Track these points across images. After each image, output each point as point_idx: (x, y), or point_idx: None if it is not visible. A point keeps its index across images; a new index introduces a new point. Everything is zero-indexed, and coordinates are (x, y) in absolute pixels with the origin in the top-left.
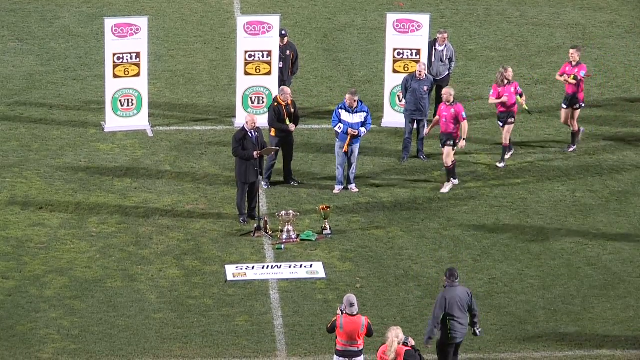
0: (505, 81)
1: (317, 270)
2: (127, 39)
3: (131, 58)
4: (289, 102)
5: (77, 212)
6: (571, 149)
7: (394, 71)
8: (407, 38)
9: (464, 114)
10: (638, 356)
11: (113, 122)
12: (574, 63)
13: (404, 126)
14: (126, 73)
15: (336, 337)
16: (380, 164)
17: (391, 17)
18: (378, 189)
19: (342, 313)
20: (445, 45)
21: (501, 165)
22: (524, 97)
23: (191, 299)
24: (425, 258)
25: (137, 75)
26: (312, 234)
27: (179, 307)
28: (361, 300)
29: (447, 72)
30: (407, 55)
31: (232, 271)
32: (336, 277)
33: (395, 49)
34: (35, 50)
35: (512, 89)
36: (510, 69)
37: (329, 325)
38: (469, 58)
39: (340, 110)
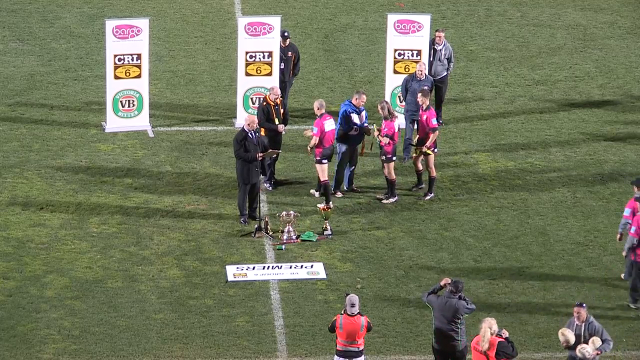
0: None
1: (318, 270)
2: (128, 41)
3: (132, 59)
4: (278, 102)
5: (77, 212)
6: (422, 189)
7: (395, 72)
8: (408, 39)
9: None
10: (638, 357)
11: (114, 123)
12: (424, 107)
13: (404, 127)
14: (127, 74)
15: (336, 337)
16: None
17: (392, 18)
18: (379, 190)
19: (343, 313)
20: (444, 45)
21: (389, 200)
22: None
23: (192, 300)
24: (426, 259)
25: (138, 76)
26: (312, 234)
27: (180, 307)
28: (362, 301)
29: (446, 73)
30: (408, 56)
31: (232, 272)
32: (337, 278)
33: (396, 50)
34: (36, 51)
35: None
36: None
37: (329, 325)
38: (470, 59)
39: (352, 114)
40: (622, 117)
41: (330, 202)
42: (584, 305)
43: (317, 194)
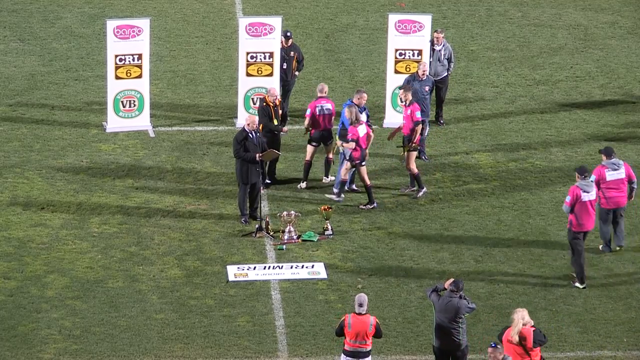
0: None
1: (319, 270)
2: (129, 41)
3: (133, 60)
4: (277, 103)
5: (78, 212)
6: (410, 190)
7: (396, 72)
8: (409, 39)
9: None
10: (639, 357)
11: (115, 123)
12: (407, 102)
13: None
14: (128, 74)
15: (344, 337)
16: (382, 165)
17: (393, 18)
18: (380, 190)
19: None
20: (443, 45)
21: (337, 198)
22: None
23: (192, 300)
24: (427, 259)
25: (139, 76)
26: (313, 234)
27: (181, 307)
28: None
29: (446, 73)
30: (409, 56)
31: (233, 272)
32: (337, 278)
33: (396, 50)
34: (37, 51)
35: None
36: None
37: (337, 328)
38: (471, 59)
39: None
40: (623, 117)
41: (304, 183)
42: (498, 345)
43: (303, 185)
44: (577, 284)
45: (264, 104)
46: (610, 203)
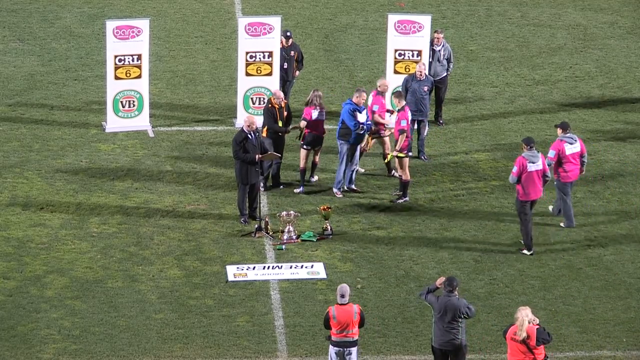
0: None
1: (318, 270)
2: (128, 41)
3: (132, 60)
4: (282, 105)
5: (78, 212)
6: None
7: (395, 72)
8: (408, 39)
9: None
10: (639, 357)
11: (114, 123)
12: (398, 106)
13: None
14: (127, 75)
15: (331, 328)
16: (381, 165)
17: (392, 18)
18: (379, 190)
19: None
20: (443, 45)
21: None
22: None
23: (192, 300)
24: (426, 259)
25: (139, 77)
26: (312, 234)
27: (180, 307)
28: (362, 301)
29: (446, 74)
30: (408, 56)
31: (233, 271)
32: (337, 278)
33: (396, 50)
34: (37, 51)
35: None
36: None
37: (323, 321)
38: (470, 59)
39: (355, 112)
40: (623, 117)
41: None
42: None
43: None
44: (525, 251)
45: (270, 105)
46: (570, 176)
